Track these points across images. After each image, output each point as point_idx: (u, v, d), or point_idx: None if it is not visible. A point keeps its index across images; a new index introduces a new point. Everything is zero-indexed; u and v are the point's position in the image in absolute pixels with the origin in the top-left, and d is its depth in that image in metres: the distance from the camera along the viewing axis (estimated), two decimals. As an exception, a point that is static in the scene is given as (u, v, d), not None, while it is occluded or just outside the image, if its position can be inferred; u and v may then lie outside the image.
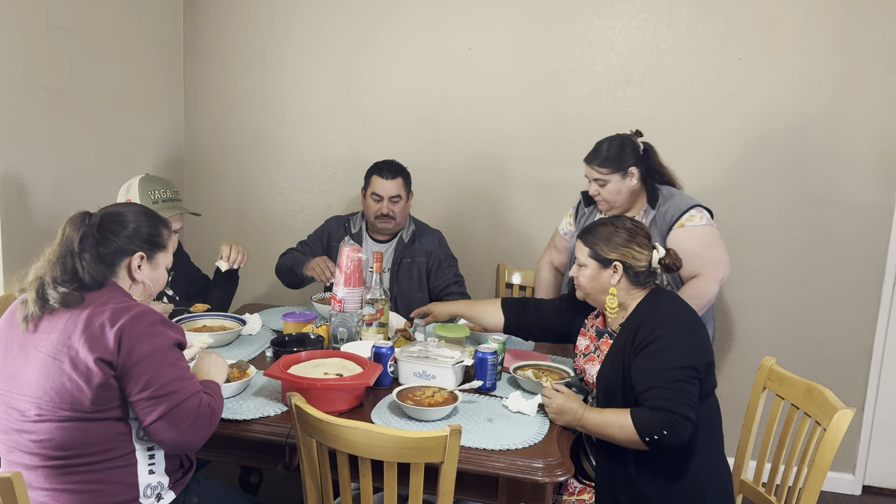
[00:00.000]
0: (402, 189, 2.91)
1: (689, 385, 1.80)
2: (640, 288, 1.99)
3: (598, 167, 2.53)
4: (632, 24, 3.12)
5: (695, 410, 1.78)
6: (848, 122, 2.97)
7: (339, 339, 2.30)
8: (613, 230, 1.99)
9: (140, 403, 1.55)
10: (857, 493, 3.17)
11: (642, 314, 1.94)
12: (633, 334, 1.91)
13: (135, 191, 2.48)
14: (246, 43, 3.48)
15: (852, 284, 3.06)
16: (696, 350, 1.85)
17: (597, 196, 2.58)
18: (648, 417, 1.77)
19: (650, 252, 1.98)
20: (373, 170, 2.94)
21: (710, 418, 1.94)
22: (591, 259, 2.00)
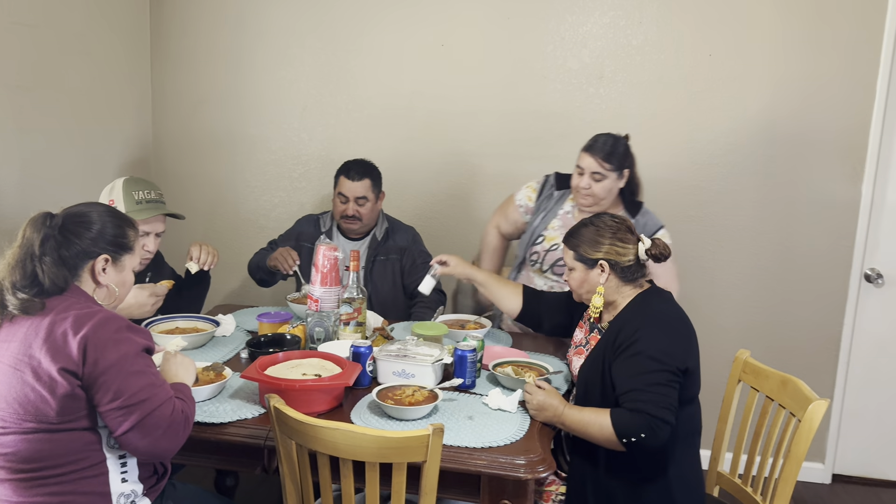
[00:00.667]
0: (370, 190, 2.88)
1: (669, 388, 1.79)
2: (631, 284, 1.99)
3: (603, 161, 2.49)
4: (603, 20, 3.14)
5: (673, 413, 1.78)
6: (815, 118, 3.02)
7: (316, 338, 2.28)
8: (595, 229, 1.99)
9: (110, 414, 1.49)
10: (826, 482, 3.23)
11: (628, 314, 1.94)
12: (617, 334, 1.91)
13: (119, 191, 2.41)
14: (215, 39, 3.43)
15: (821, 278, 3.11)
16: (676, 353, 1.84)
17: (586, 189, 2.52)
18: (628, 419, 1.77)
19: (635, 245, 1.98)
20: (341, 170, 2.92)
21: (690, 423, 1.94)
22: (577, 262, 2.01)
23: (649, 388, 1.78)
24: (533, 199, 2.74)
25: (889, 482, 3.22)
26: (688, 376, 1.87)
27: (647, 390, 1.78)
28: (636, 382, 1.80)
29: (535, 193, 2.75)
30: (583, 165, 2.54)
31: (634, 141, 2.88)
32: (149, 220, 2.36)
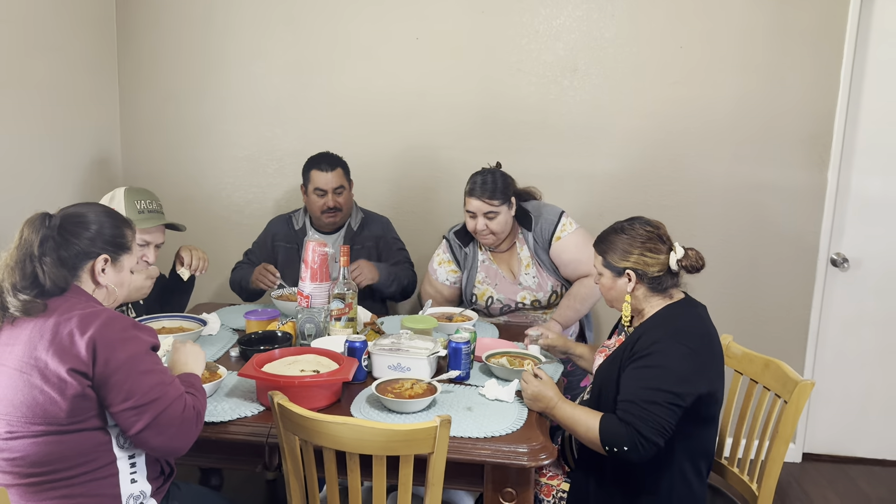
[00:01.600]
0: (343, 179, 2.90)
1: (666, 410, 1.76)
2: (660, 294, 1.94)
3: (490, 200, 2.59)
4: (576, 13, 3.17)
5: (663, 436, 1.75)
6: (782, 106, 3.11)
7: (307, 335, 2.27)
8: (626, 238, 1.95)
9: (123, 414, 1.48)
10: (797, 461, 3.34)
11: (652, 324, 1.90)
12: (636, 341, 1.87)
13: (120, 200, 2.39)
14: (184, 33, 3.37)
15: (789, 262, 3.21)
16: (687, 376, 1.79)
17: (483, 231, 2.62)
18: (616, 429, 1.77)
19: (666, 255, 1.93)
20: (309, 165, 2.91)
21: (702, 445, 1.91)
22: (606, 268, 1.98)
23: (647, 405, 1.76)
24: (457, 270, 2.79)
25: (856, 459, 3.34)
26: (705, 399, 1.83)
27: (644, 407, 1.76)
28: (636, 395, 1.78)
29: (453, 265, 2.81)
30: (472, 209, 2.62)
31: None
32: (150, 230, 2.34)
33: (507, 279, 2.72)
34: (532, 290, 2.70)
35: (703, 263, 1.95)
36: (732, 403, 2.22)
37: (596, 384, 1.99)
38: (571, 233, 2.67)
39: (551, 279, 2.70)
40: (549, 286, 2.69)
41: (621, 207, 3.20)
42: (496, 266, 2.74)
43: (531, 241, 2.70)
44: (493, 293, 2.72)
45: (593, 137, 3.22)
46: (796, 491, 3.09)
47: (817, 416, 3.34)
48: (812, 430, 3.35)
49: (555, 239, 2.66)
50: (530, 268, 2.70)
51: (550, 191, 3.26)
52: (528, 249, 2.73)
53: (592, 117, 3.22)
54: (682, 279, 1.98)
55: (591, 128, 3.22)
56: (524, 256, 2.73)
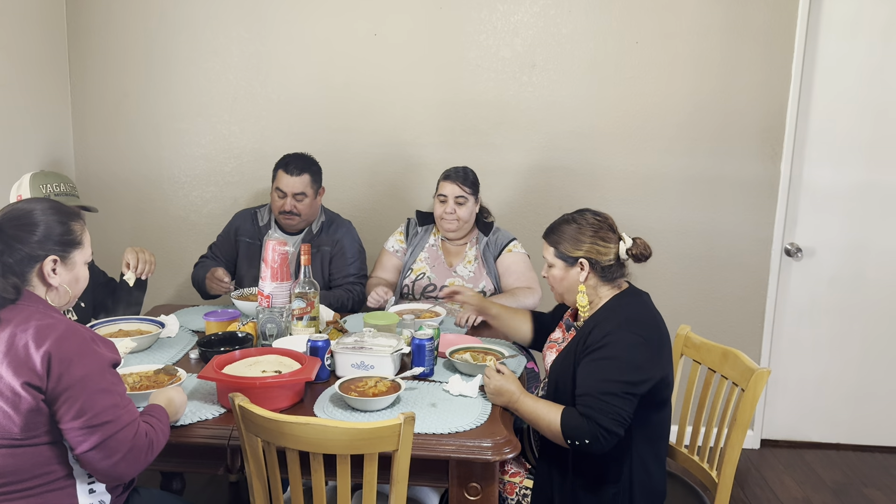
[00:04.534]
0: (309, 186, 2.82)
1: (622, 400, 1.78)
2: (609, 284, 1.97)
3: (463, 185, 2.78)
4: (534, 9, 3.19)
5: (623, 426, 1.78)
6: (736, 101, 3.17)
7: (269, 335, 2.24)
8: (577, 227, 1.97)
9: (72, 432, 1.43)
10: (756, 447, 3.42)
11: (603, 315, 1.92)
12: (588, 334, 1.90)
13: (26, 188, 2.33)
14: (137, 31, 3.30)
15: (744, 253, 3.28)
16: (640, 364, 1.82)
17: (450, 215, 2.78)
18: (576, 422, 1.79)
19: (616, 245, 1.97)
20: (280, 163, 2.86)
21: (658, 429, 1.94)
22: (557, 259, 1.99)
23: (604, 397, 1.78)
24: (403, 241, 2.93)
25: (812, 443, 3.43)
26: (658, 385, 1.86)
27: (602, 399, 1.78)
28: (593, 388, 1.80)
29: (402, 236, 2.94)
30: (445, 193, 2.79)
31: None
32: None
33: (444, 265, 2.85)
34: (463, 280, 2.81)
35: (650, 252, 1.99)
36: (692, 393, 2.26)
37: (552, 379, 2.01)
38: (521, 252, 2.85)
39: (486, 280, 2.80)
40: (481, 284, 2.80)
41: (580, 201, 3.22)
42: (440, 252, 2.88)
43: (483, 244, 2.85)
44: (427, 271, 2.83)
45: (551, 132, 3.25)
46: (755, 477, 3.16)
47: (774, 403, 3.42)
48: (770, 417, 3.43)
49: (506, 250, 2.83)
50: (471, 264, 2.84)
51: (510, 185, 3.29)
52: (476, 250, 2.86)
53: (550, 112, 3.24)
54: (628, 269, 2.02)
55: (549, 123, 3.24)
56: (470, 254, 2.86)
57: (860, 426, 3.41)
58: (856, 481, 3.13)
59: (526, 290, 2.72)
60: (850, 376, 3.37)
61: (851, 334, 3.34)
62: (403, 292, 2.86)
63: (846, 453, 3.38)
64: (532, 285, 2.75)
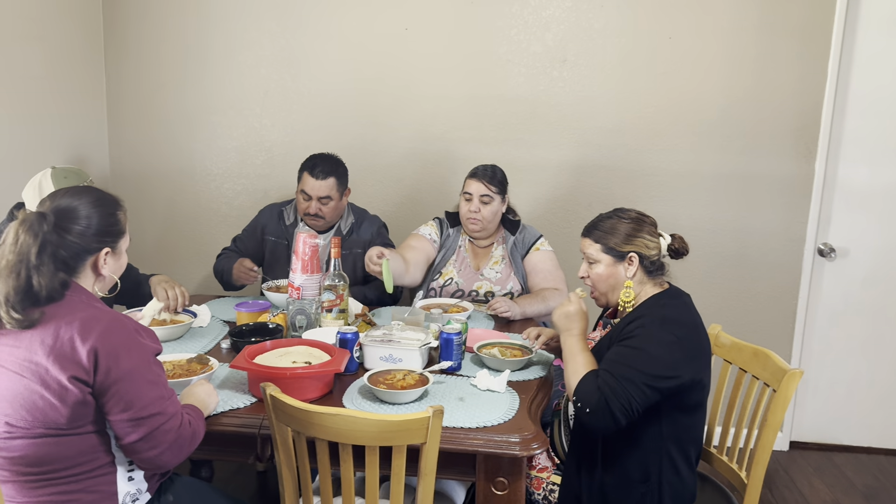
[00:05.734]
0: (335, 189, 2.79)
1: (639, 390, 1.76)
2: (653, 281, 1.96)
3: (490, 184, 2.74)
4: (566, 4, 3.17)
5: (627, 416, 1.75)
6: (770, 98, 3.13)
7: (298, 326, 2.26)
8: (621, 221, 1.96)
9: (119, 423, 1.47)
10: (785, 449, 3.38)
11: (640, 312, 1.90)
12: (624, 327, 1.89)
13: (49, 186, 2.31)
14: (171, 24, 3.34)
15: (776, 253, 3.23)
16: (669, 362, 1.79)
17: (475, 214, 2.75)
18: (589, 389, 1.78)
19: (658, 240, 1.97)
20: (305, 165, 2.83)
21: (690, 432, 1.92)
22: (605, 254, 1.96)
23: (623, 381, 1.76)
24: (438, 236, 2.88)
25: (842, 447, 3.38)
26: (689, 387, 1.84)
27: (621, 382, 1.76)
28: (615, 369, 1.79)
29: (437, 231, 2.89)
30: (470, 191, 2.76)
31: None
32: None
33: (470, 268, 2.82)
34: (491, 282, 2.78)
35: (688, 247, 1.99)
36: (721, 392, 2.24)
37: None
38: (548, 250, 2.84)
39: (514, 280, 2.79)
40: (509, 285, 2.78)
41: (610, 198, 3.22)
42: (467, 254, 2.85)
43: (510, 244, 2.83)
44: (454, 276, 2.80)
45: (582, 128, 3.23)
46: (783, 478, 3.12)
47: (804, 404, 3.37)
48: (799, 419, 3.39)
49: (534, 248, 2.82)
50: (498, 264, 2.81)
51: (539, 182, 3.28)
52: (503, 249, 2.84)
53: (581, 108, 3.22)
54: (668, 269, 2.00)
55: (579, 118, 3.23)
56: (497, 255, 2.83)
57: (893, 430, 3.35)
58: (888, 485, 3.09)
59: (553, 291, 2.69)
60: (882, 379, 3.32)
61: (885, 336, 3.28)
62: (430, 296, 2.83)
63: (877, 457, 3.33)
64: (559, 286, 2.72)
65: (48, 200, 1.55)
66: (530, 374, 2.10)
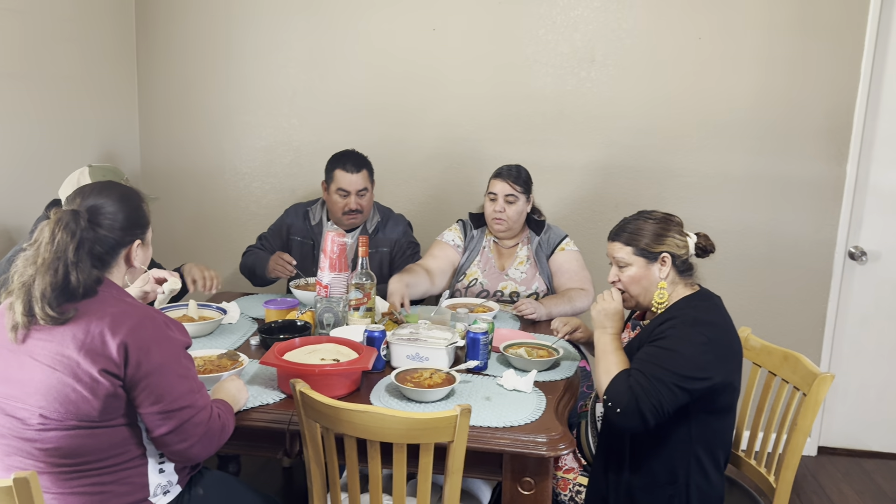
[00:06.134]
0: (368, 181, 2.85)
1: (669, 391, 1.75)
2: (685, 281, 1.95)
3: (514, 183, 2.74)
4: (594, 4, 3.16)
5: (657, 416, 1.75)
6: (801, 99, 3.09)
7: (326, 324, 2.28)
8: (649, 222, 1.95)
9: (150, 416, 1.50)
10: (813, 454, 3.34)
11: (671, 313, 1.89)
12: (654, 328, 1.88)
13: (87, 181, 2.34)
14: (201, 25, 3.38)
15: (806, 256, 3.20)
16: (700, 363, 1.78)
17: (500, 214, 2.74)
18: (621, 389, 1.78)
19: (686, 238, 1.96)
20: (335, 163, 2.84)
21: (720, 435, 1.90)
22: (637, 256, 1.94)
23: (654, 381, 1.76)
24: (462, 239, 2.87)
25: (871, 452, 3.33)
26: (720, 389, 1.83)
27: (652, 382, 1.76)
28: (646, 369, 1.79)
29: (460, 235, 2.88)
30: (495, 191, 2.75)
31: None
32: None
33: (495, 268, 2.81)
34: (516, 283, 2.78)
35: (714, 247, 1.99)
36: (750, 396, 2.22)
37: None
38: (574, 250, 2.82)
39: (539, 281, 2.78)
40: (534, 285, 2.77)
41: (637, 199, 3.20)
42: (491, 255, 2.84)
43: (535, 244, 2.82)
44: (479, 276, 2.80)
45: (610, 128, 3.22)
46: (812, 484, 3.09)
47: (833, 409, 3.33)
48: (828, 424, 3.34)
49: (559, 248, 2.80)
50: (523, 264, 2.80)
51: (565, 182, 3.27)
52: (528, 250, 2.83)
53: (609, 108, 3.21)
54: (696, 270, 2.00)
55: (607, 119, 3.21)
56: (521, 255, 2.82)
57: (924, 436, 3.30)
58: (918, 493, 3.04)
59: (579, 291, 2.68)
60: (914, 385, 3.27)
61: (917, 341, 3.23)
62: (455, 297, 2.83)
63: (909, 464, 3.28)
64: (585, 286, 2.71)
65: (77, 198, 1.57)
66: (557, 375, 2.10)
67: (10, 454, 1.51)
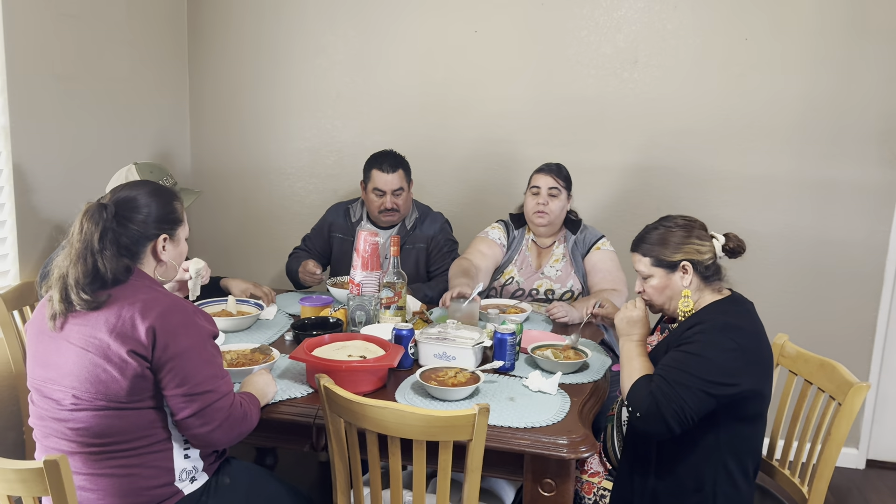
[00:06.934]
0: (404, 181, 2.90)
1: (693, 395, 1.72)
2: (710, 287, 1.92)
3: (558, 178, 2.76)
4: (638, 5, 3.13)
5: (682, 423, 1.72)
6: (852, 102, 3.00)
7: (358, 322, 2.33)
8: (668, 231, 1.92)
9: (174, 399, 1.56)
10: (861, 467, 3.23)
11: (700, 317, 1.86)
12: (682, 332, 1.85)
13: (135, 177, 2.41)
14: (251, 28, 3.47)
15: (856, 262, 3.10)
16: (728, 370, 1.75)
17: (544, 207, 2.75)
18: (641, 394, 1.77)
19: (711, 242, 1.92)
20: (372, 164, 2.91)
21: (749, 443, 1.87)
22: (656, 267, 1.92)
23: (676, 386, 1.73)
24: (505, 238, 2.88)
25: (924, 468, 3.21)
26: (749, 396, 1.79)
27: (674, 387, 1.73)
28: (669, 374, 1.76)
29: (504, 233, 2.90)
30: (539, 184, 2.77)
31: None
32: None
33: (532, 267, 2.83)
34: (551, 280, 2.79)
35: (744, 245, 1.95)
36: (786, 404, 2.17)
37: None
38: (609, 250, 2.81)
39: (574, 279, 2.78)
40: (569, 283, 2.78)
41: (680, 202, 3.15)
42: (529, 253, 2.86)
43: (571, 243, 2.82)
44: (515, 274, 2.82)
45: (652, 130, 3.18)
46: (857, 498, 2.99)
47: (883, 421, 3.22)
48: (877, 437, 3.23)
49: (594, 248, 2.80)
50: (559, 262, 2.81)
51: (606, 184, 3.25)
52: (564, 248, 2.83)
53: (652, 110, 3.18)
54: (725, 273, 1.95)
55: (650, 120, 3.18)
56: (557, 253, 2.83)
57: (981, 453, 3.16)
58: (973, 512, 2.91)
59: (612, 292, 2.66)
60: (971, 399, 3.13)
61: (975, 354, 3.10)
62: (491, 294, 2.85)
63: (964, 481, 3.15)
64: (618, 287, 2.69)
65: (111, 193, 1.68)
66: (584, 378, 2.09)
67: (47, 436, 1.60)
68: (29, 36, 2.53)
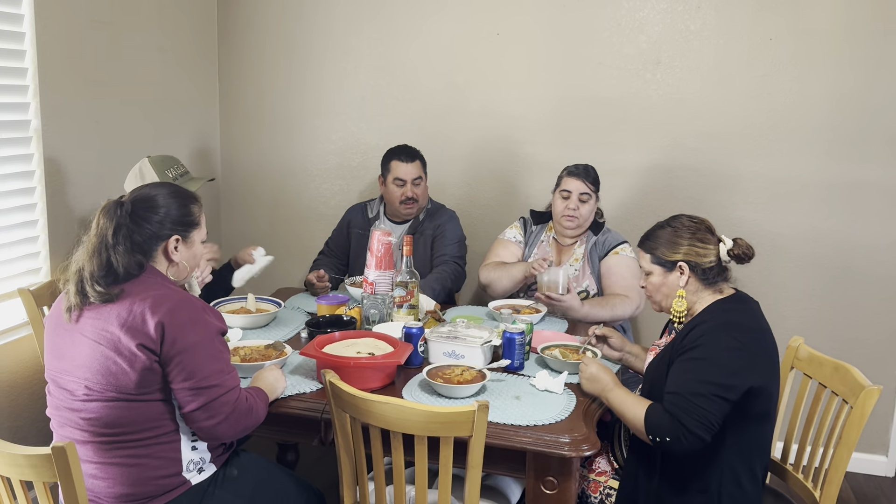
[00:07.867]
0: (421, 170, 3.01)
1: (710, 402, 1.73)
2: (711, 289, 1.91)
3: (590, 183, 2.77)
4: (661, 5, 3.12)
5: (709, 430, 1.73)
6: (879, 102, 2.94)
7: (371, 320, 2.37)
8: (673, 230, 1.93)
9: (181, 392, 1.62)
10: (889, 475, 3.16)
11: (701, 318, 1.86)
12: (685, 336, 1.85)
13: (151, 175, 2.50)
14: (278, 32, 3.55)
15: (884, 266, 3.03)
16: (735, 369, 1.76)
17: (574, 211, 2.75)
18: (660, 419, 1.76)
19: (716, 246, 1.91)
20: (390, 156, 3.02)
21: (755, 442, 1.87)
22: (655, 265, 1.94)
23: (692, 397, 1.73)
24: (522, 235, 2.92)
25: (957, 477, 3.12)
26: (755, 394, 1.79)
27: (690, 399, 1.73)
28: (682, 387, 1.76)
29: (521, 231, 2.93)
30: (570, 188, 2.77)
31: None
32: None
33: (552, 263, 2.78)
34: (568, 278, 2.73)
35: (753, 252, 1.91)
36: (800, 407, 2.14)
37: (647, 381, 1.98)
38: (628, 256, 2.76)
39: (590, 280, 2.78)
40: (584, 283, 2.77)
41: (703, 204, 3.13)
42: (550, 249, 2.88)
43: (590, 244, 2.81)
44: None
45: (675, 131, 3.16)
46: (884, 506, 2.93)
47: (914, 429, 3.14)
48: (907, 444, 3.16)
49: (613, 252, 2.77)
50: (578, 262, 2.80)
51: (628, 186, 3.24)
52: (584, 249, 2.82)
53: (675, 111, 3.16)
54: (731, 274, 1.94)
55: (673, 122, 3.16)
56: (578, 253, 2.83)
57: None
58: None
59: (622, 297, 2.64)
60: None
61: None
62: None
63: None
64: (629, 294, 2.65)
65: (130, 193, 1.75)
66: (592, 378, 2.09)
67: (63, 425, 1.67)
68: (61, 42, 2.63)
